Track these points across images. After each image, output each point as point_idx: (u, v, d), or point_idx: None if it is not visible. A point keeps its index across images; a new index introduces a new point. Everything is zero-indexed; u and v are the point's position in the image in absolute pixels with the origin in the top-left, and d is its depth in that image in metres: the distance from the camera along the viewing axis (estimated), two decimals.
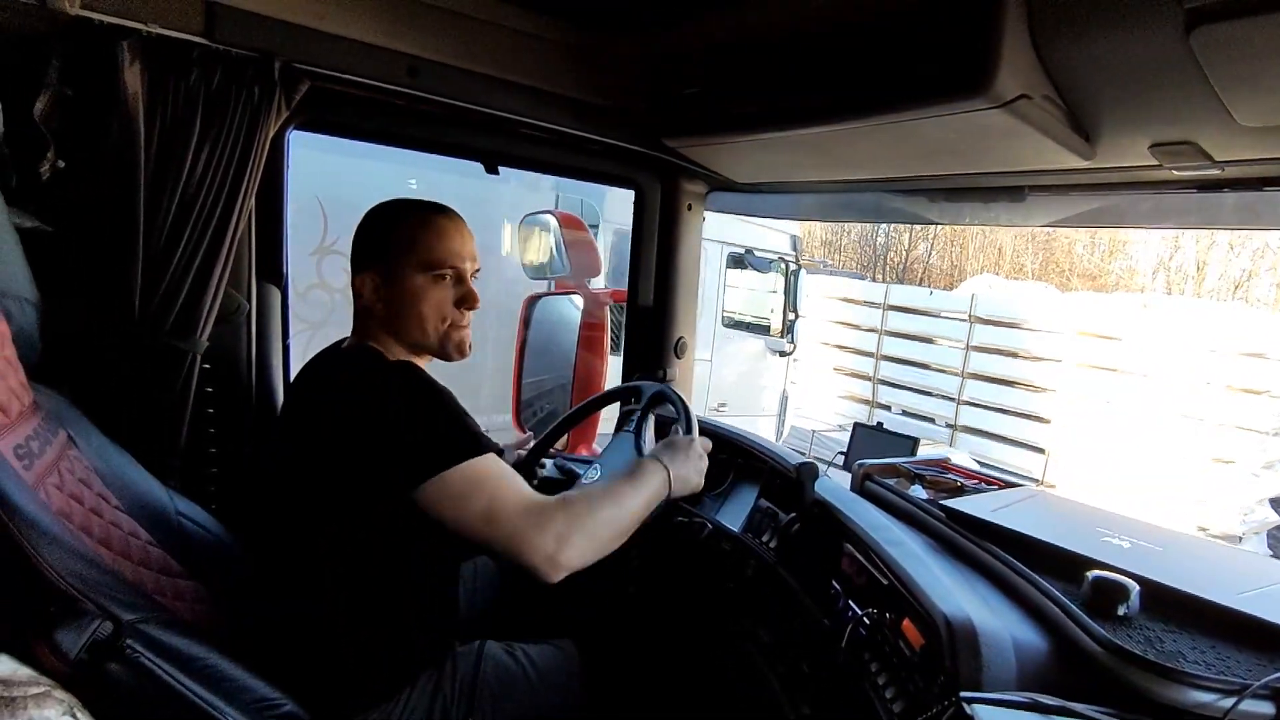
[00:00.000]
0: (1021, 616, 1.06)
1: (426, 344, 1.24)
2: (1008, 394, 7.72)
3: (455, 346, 1.25)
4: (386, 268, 1.20)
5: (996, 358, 7.76)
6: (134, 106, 1.24)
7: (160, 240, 1.31)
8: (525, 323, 2.93)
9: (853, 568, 1.26)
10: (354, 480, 1.08)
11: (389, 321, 1.22)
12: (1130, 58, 0.95)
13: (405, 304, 1.20)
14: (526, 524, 1.04)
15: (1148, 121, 1.11)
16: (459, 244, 1.22)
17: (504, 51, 1.52)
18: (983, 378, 7.80)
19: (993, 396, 7.80)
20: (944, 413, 8.18)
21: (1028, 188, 1.52)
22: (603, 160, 1.91)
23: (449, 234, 1.22)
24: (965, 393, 7.96)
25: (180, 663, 0.86)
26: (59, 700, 0.70)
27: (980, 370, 7.84)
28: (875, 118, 1.22)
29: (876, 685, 1.08)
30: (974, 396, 7.92)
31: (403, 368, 1.12)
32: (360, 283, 1.22)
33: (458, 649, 1.25)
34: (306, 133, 1.59)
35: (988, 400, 7.83)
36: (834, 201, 2.24)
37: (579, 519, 1.08)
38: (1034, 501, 1.48)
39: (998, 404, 7.76)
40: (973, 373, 7.86)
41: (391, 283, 1.20)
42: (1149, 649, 0.95)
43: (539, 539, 1.04)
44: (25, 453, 0.93)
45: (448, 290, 1.22)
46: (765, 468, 1.62)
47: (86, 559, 0.85)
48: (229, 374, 1.52)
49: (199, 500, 1.34)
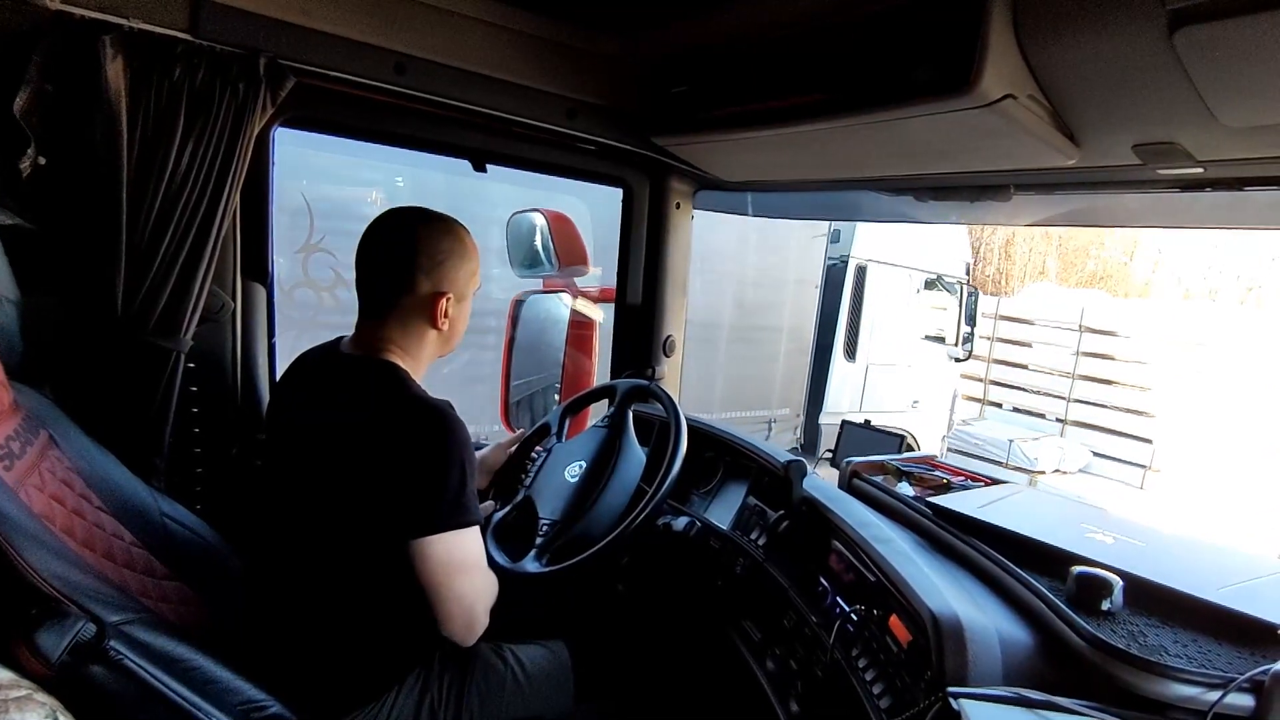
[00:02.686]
0: (1007, 612, 1.07)
1: (452, 349, 1.29)
2: (1110, 391, 8.63)
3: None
4: (458, 288, 1.22)
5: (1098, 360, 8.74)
6: (116, 103, 1.22)
7: (143, 238, 1.30)
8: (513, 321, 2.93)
9: (841, 565, 1.26)
10: (357, 505, 1.08)
11: (444, 339, 1.24)
12: (1114, 58, 0.96)
13: (460, 322, 1.25)
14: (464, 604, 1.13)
15: (1131, 121, 1.13)
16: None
17: (492, 49, 1.52)
18: (1089, 378, 8.77)
19: (1098, 394, 8.72)
20: (1049, 408, 9.08)
21: (1013, 186, 1.53)
22: (591, 159, 1.91)
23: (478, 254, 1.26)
24: (1074, 392, 8.85)
25: (165, 664, 0.85)
26: (41, 704, 0.70)
27: (1086, 372, 8.81)
28: (862, 117, 1.22)
29: (864, 681, 1.09)
30: (1081, 395, 8.82)
31: (441, 413, 1.09)
32: (439, 302, 1.19)
33: (446, 651, 1.25)
34: (292, 130, 1.58)
35: (1094, 398, 8.74)
36: (822, 200, 2.25)
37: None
38: (1020, 498, 1.49)
39: (1103, 401, 8.68)
40: (1082, 374, 8.81)
41: (460, 302, 1.23)
42: (1132, 643, 0.96)
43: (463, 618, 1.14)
44: (5, 453, 0.92)
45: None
46: (753, 465, 1.63)
47: (69, 560, 0.84)
48: (214, 373, 1.50)
49: (184, 501, 1.32)
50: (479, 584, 1.16)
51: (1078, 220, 1.62)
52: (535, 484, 1.57)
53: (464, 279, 1.23)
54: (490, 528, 1.44)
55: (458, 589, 1.11)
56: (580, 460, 1.55)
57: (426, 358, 1.24)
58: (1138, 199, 1.46)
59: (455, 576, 1.11)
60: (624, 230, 2.11)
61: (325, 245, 3.90)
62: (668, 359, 2.18)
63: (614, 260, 2.16)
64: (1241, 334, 7.99)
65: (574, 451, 1.57)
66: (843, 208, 2.29)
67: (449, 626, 1.13)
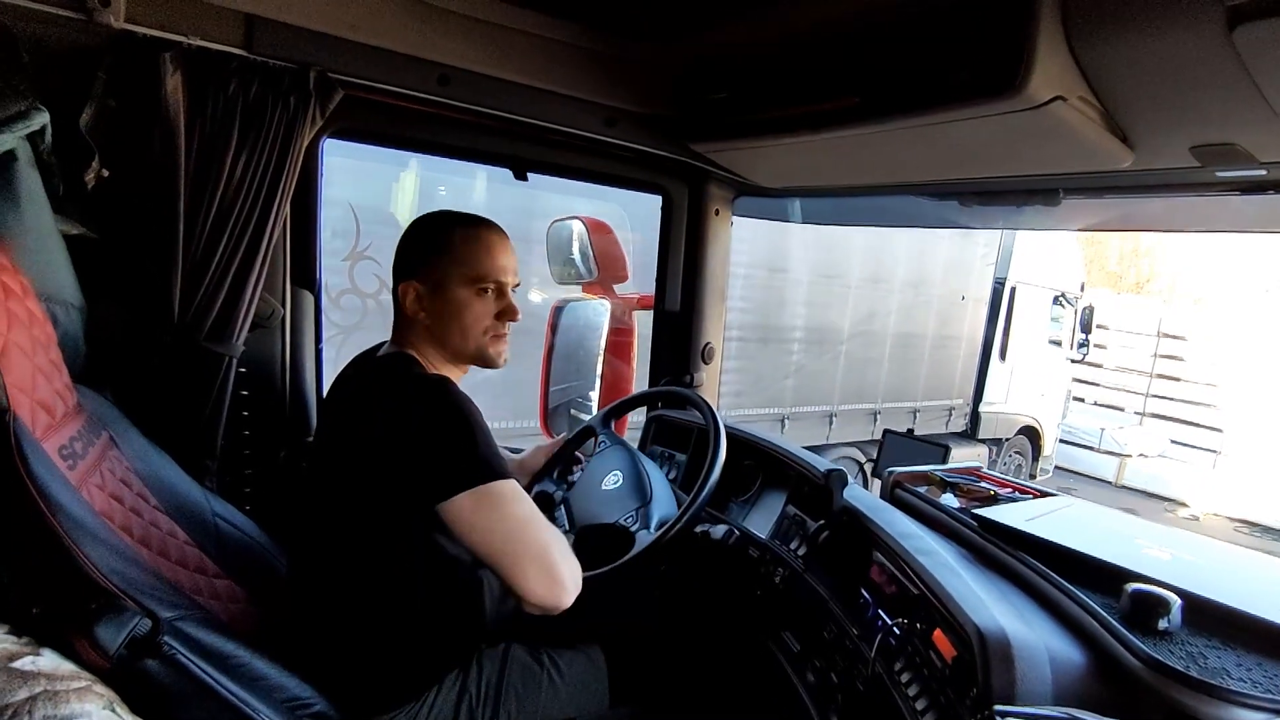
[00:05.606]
0: (1057, 629, 1.03)
1: (466, 353, 1.26)
2: (1182, 387, 10.49)
3: (494, 356, 1.27)
4: (431, 279, 1.22)
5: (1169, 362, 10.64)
6: (175, 117, 1.27)
7: (199, 247, 1.34)
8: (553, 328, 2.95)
9: (882, 576, 1.24)
10: (382, 488, 1.09)
11: (431, 330, 1.24)
12: (1170, 57, 0.93)
13: (449, 315, 1.22)
14: (530, 556, 1.07)
15: (1189, 122, 1.09)
16: (503, 258, 1.25)
17: (533, 59, 1.54)
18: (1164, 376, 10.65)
19: (1172, 390, 10.60)
20: (1127, 403, 10.90)
21: (1062, 190, 1.49)
22: (630, 166, 1.92)
23: (494, 248, 1.24)
24: (1151, 388, 10.74)
25: (215, 660, 0.87)
26: (99, 695, 0.72)
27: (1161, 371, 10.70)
28: (905, 120, 1.20)
29: (907, 696, 1.06)
30: (1157, 390, 10.75)
31: (437, 383, 1.12)
32: (402, 291, 1.23)
33: (484, 651, 1.26)
34: (340, 141, 1.62)
35: (1168, 393, 10.61)
36: (863, 205, 2.22)
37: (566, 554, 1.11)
38: (1070, 511, 1.44)
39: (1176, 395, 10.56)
40: (1159, 373, 10.67)
41: (435, 293, 1.22)
42: (1191, 665, 0.92)
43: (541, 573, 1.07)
44: (70, 453, 0.96)
45: (490, 303, 1.24)
46: (793, 474, 1.61)
47: (127, 557, 0.87)
48: (264, 378, 1.55)
49: (234, 501, 1.36)
50: (537, 537, 1.08)
51: (1132, 225, 1.57)
52: (573, 491, 1.58)
53: (440, 269, 1.21)
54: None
55: (514, 547, 1.06)
56: (617, 470, 1.55)
57: (432, 354, 1.24)
58: (1195, 202, 1.40)
59: (501, 534, 1.06)
60: (662, 237, 2.11)
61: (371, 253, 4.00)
62: (706, 366, 2.16)
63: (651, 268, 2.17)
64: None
65: (614, 461, 1.57)
66: (887, 213, 2.25)
67: (531, 588, 1.06)
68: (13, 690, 0.66)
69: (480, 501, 1.06)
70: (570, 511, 1.54)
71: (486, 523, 1.07)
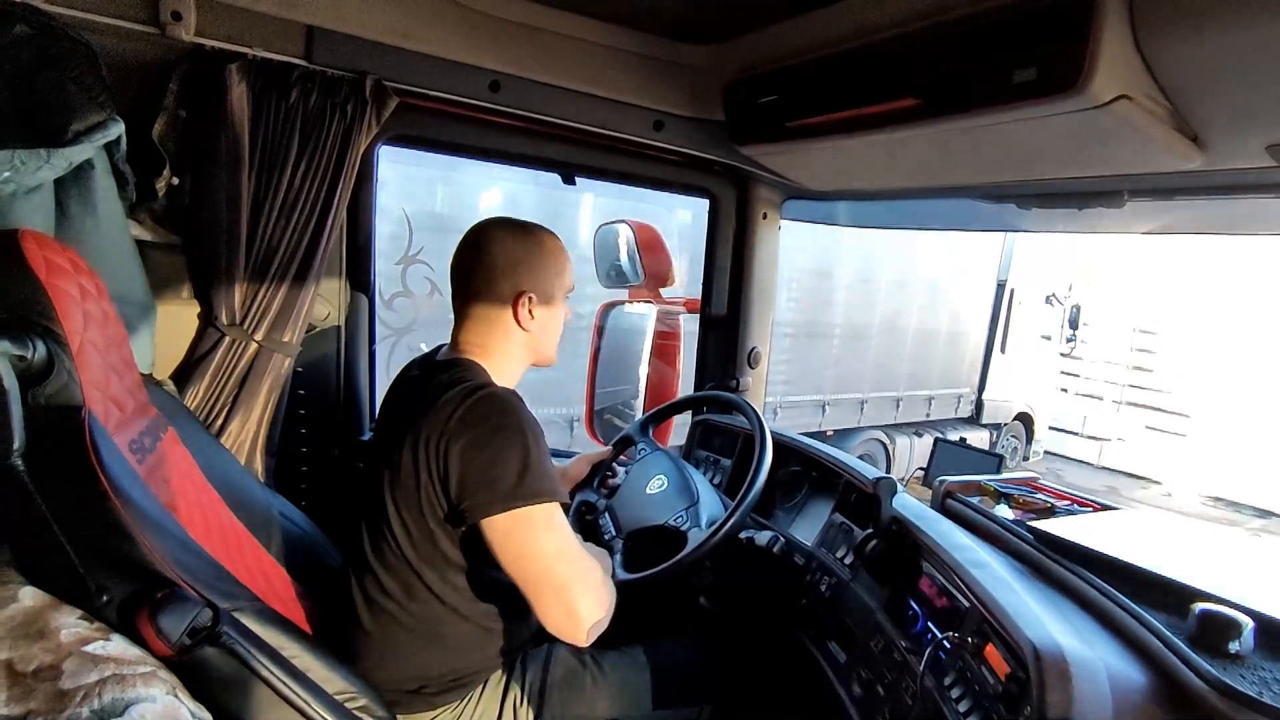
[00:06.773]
0: (1118, 648, 0.99)
1: (549, 358, 1.31)
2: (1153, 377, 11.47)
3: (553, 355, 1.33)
4: (541, 289, 1.24)
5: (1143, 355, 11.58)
6: (240, 125, 1.33)
7: (261, 250, 1.39)
8: (599, 331, 2.96)
9: (932, 588, 1.21)
10: (434, 493, 1.11)
11: (532, 339, 1.26)
12: (1244, 53, 0.89)
13: (552, 325, 1.28)
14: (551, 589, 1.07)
15: (1264, 121, 1.03)
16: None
17: (582, 65, 1.55)
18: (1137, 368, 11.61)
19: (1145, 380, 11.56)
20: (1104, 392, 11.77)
21: (1127, 192, 1.43)
22: (677, 169, 1.91)
23: (569, 259, 1.29)
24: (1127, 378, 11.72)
25: (269, 651, 0.90)
26: (163, 680, 0.75)
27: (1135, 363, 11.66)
28: (958, 121, 1.17)
29: (957, 713, 1.03)
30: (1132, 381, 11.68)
31: (509, 399, 1.12)
32: (518, 301, 1.22)
33: (529, 652, 1.27)
34: (394, 147, 1.66)
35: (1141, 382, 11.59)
36: (916, 209, 2.17)
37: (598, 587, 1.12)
38: (1132, 525, 1.38)
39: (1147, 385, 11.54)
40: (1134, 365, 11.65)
41: (545, 303, 1.25)
42: (1265, 691, 0.87)
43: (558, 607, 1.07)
44: (138, 447, 1.00)
45: (566, 309, 1.31)
46: (840, 481, 1.58)
47: (189, 549, 0.91)
48: (319, 378, 1.59)
49: (290, 497, 1.40)
50: (564, 571, 1.08)
51: (1202, 227, 1.50)
52: (616, 498, 1.59)
53: (546, 280, 1.24)
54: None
55: (537, 576, 1.07)
56: (661, 474, 1.55)
57: (514, 360, 1.25)
58: (1270, 204, 1.33)
59: (527, 562, 1.07)
60: (709, 241, 2.10)
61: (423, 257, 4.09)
62: (753, 371, 2.14)
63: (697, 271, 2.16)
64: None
65: (656, 466, 1.57)
66: (939, 216, 2.19)
67: (548, 620, 1.08)
68: (84, 673, 0.69)
69: (515, 524, 1.06)
70: (615, 518, 1.55)
71: (517, 547, 1.07)
